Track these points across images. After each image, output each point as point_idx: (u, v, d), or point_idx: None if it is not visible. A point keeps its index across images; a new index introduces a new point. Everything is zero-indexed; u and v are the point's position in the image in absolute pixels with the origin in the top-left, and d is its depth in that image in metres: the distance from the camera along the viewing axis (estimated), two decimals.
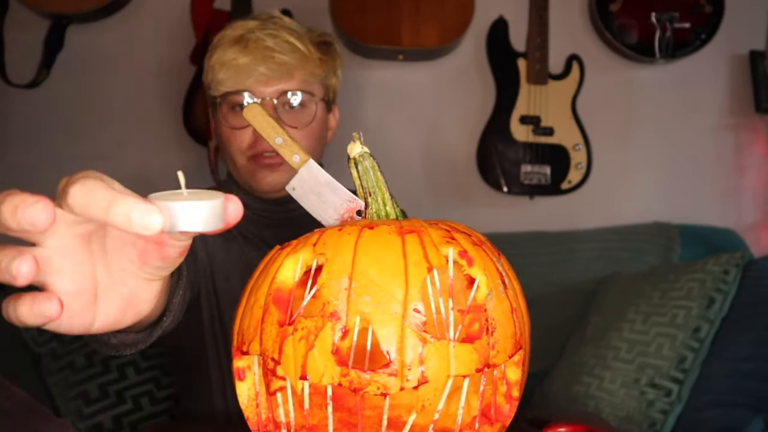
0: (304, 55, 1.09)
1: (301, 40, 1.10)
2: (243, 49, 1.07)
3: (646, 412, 1.31)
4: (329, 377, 0.54)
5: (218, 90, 1.09)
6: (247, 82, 1.07)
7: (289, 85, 1.08)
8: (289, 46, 1.08)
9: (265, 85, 1.07)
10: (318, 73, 1.11)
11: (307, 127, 1.10)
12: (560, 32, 1.89)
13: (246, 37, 1.08)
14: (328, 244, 0.60)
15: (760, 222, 1.93)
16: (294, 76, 1.08)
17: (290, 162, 0.75)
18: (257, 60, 1.06)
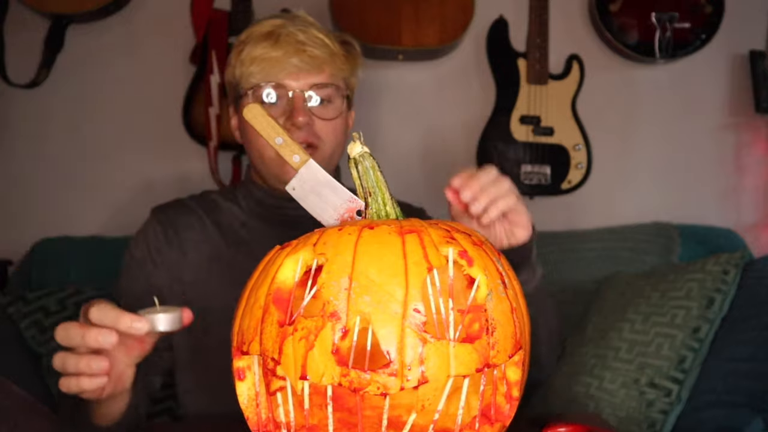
0: (332, 50, 1.11)
1: (329, 37, 1.13)
2: (275, 43, 1.08)
3: (645, 412, 1.31)
4: (329, 377, 0.54)
5: (249, 83, 1.10)
6: (280, 74, 1.08)
7: (319, 79, 1.10)
8: (319, 40, 1.10)
9: (296, 78, 1.09)
10: (344, 68, 1.14)
11: (334, 121, 1.12)
12: (560, 32, 1.89)
13: (276, 33, 1.10)
14: (328, 244, 0.60)
15: (760, 222, 1.93)
16: (324, 69, 1.10)
17: (290, 162, 0.76)
18: (289, 53, 1.08)
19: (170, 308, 0.76)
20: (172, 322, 0.75)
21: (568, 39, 1.90)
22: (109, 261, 1.69)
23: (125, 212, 1.87)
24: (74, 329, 0.75)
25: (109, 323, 0.73)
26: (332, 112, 1.12)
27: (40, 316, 1.49)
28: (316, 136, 1.10)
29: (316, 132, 1.10)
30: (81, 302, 1.52)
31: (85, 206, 1.87)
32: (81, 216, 1.86)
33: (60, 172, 1.87)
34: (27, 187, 1.87)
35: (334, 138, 1.12)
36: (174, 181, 1.86)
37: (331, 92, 1.12)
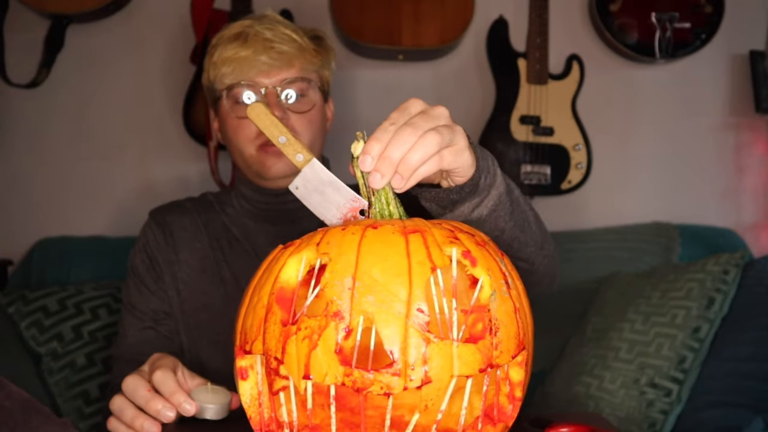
0: (301, 45, 1.14)
1: (297, 32, 1.15)
2: (243, 43, 1.11)
3: (646, 412, 1.31)
4: (332, 377, 0.54)
5: (222, 83, 1.13)
6: (250, 73, 1.11)
7: (290, 74, 1.12)
8: (287, 36, 1.12)
9: (267, 75, 1.11)
10: (315, 62, 1.16)
11: (309, 113, 1.14)
12: (560, 32, 1.89)
13: (245, 32, 1.12)
14: (331, 243, 0.60)
15: (760, 222, 1.93)
16: (294, 64, 1.13)
17: (293, 161, 0.75)
18: (258, 51, 1.10)
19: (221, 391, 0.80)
20: (220, 412, 0.78)
21: (568, 39, 1.90)
22: (109, 261, 1.69)
23: (125, 212, 1.87)
24: (142, 390, 0.80)
25: (165, 393, 0.79)
26: (306, 105, 1.14)
27: (41, 316, 1.49)
28: (292, 129, 1.12)
29: (292, 125, 1.12)
30: (81, 302, 1.52)
31: (86, 206, 1.87)
32: (81, 216, 1.86)
33: (60, 172, 1.87)
34: (27, 187, 1.87)
35: (310, 130, 1.15)
36: (174, 181, 1.86)
37: (304, 86, 1.14)
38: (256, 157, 1.13)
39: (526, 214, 0.90)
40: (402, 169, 0.66)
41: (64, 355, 1.47)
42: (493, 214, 0.81)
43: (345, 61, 1.90)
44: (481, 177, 0.76)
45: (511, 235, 0.86)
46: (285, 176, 1.13)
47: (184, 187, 1.85)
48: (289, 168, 1.12)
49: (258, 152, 1.12)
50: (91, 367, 1.46)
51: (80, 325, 1.49)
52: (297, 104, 1.13)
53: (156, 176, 1.88)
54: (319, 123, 1.17)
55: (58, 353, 1.47)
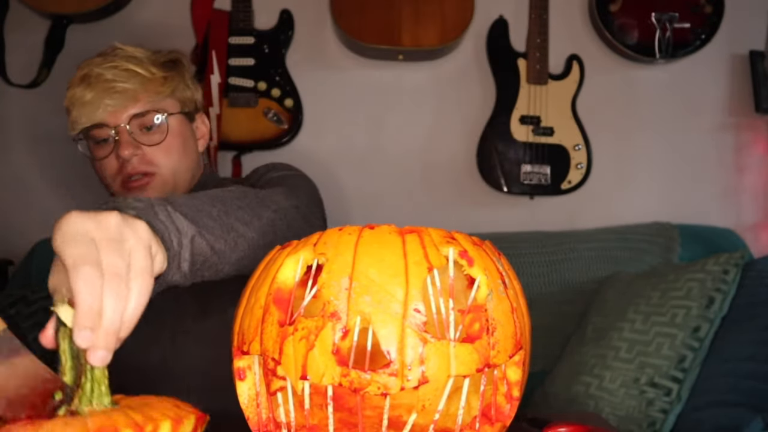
0: (144, 78, 1.15)
1: (141, 64, 1.15)
2: (87, 86, 1.13)
3: (645, 411, 1.31)
4: (330, 377, 0.54)
5: (75, 129, 1.15)
6: (97, 114, 1.12)
7: (137, 108, 1.14)
8: (127, 73, 1.14)
9: (114, 115, 1.13)
10: (163, 90, 1.17)
11: (165, 143, 1.15)
12: (560, 32, 1.89)
13: (88, 75, 1.14)
14: (328, 243, 0.60)
15: (760, 222, 1.93)
16: (139, 99, 1.14)
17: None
18: (100, 93, 1.12)
19: None
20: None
21: (568, 39, 1.90)
22: None
23: None
24: None
25: None
26: (159, 135, 1.15)
27: (42, 317, 1.49)
28: (149, 162, 1.14)
29: (149, 159, 1.14)
30: None
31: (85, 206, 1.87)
32: None
33: (60, 172, 1.87)
34: (27, 187, 1.87)
35: (169, 159, 1.16)
36: None
37: (154, 117, 1.15)
38: (121, 193, 1.16)
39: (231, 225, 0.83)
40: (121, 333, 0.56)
41: None
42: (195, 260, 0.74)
43: (345, 61, 1.90)
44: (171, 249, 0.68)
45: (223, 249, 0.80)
46: None
47: None
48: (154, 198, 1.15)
49: (121, 188, 1.15)
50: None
51: None
52: (149, 137, 1.15)
53: None
54: (180, 149, 1.18)
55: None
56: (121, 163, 1.13)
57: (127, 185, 1.14)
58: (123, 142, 1.12)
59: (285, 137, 1.83)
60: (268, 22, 1.86)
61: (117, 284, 0.55)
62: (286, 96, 1.82)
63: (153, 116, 1.15)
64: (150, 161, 1.14)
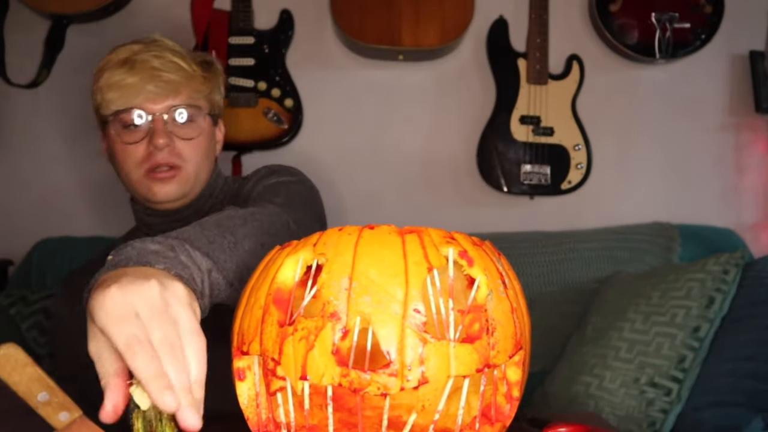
0: (188, 73, 1.15)
1: (185, 60, 1.16)
2: (130, 69, 1.12)
3: (645, 411, 1.31)
4: (329, 377, 0.54)
5: (109, 109, 1.15)
6: (137, 100, 1.12)
7: (177, 101, 1.14)
8: (174, 65, 1.14)
9: (154, 102, 1.13)
10: (203, 89, 1.18)
11: (195, 140, 1.16)
12: (560, 32, 1.89)
13: (132, 59, 1.13)
14: (328, 244, 0.60)
15: (760, 222, 1.93)
16: (180, 92, 1.14)
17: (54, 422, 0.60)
18: (145, 79, 1.11)
19: None
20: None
21: (568, 39, 1.90)
22: None
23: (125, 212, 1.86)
24: None
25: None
26: (193, 131, 1.16)
27: (42, 317, 1.49)
28: (178, 156, 1.14)
29: (178, 152, 1.14)
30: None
31: (85, 206, 1.87)
32: (81, 216, 1.86)
33: (60, 172, 1.87)
34: (27, 187, 1.87)
35: (196, 156, 1.16)
36: None
37: (191, 113, 1.15)
38: (142, 182, 1.15)
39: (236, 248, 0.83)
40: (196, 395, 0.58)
41: None
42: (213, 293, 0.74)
43: (345, 61, 1.90)
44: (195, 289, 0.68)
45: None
46: (170, 200, 1.16)
47: None
48: (174, 193, 1.15)
49: (144, 177, 1.14)
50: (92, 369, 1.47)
51: None
52: (184, 130, 1.15)
53: None
54: (206, 149, 1.19)
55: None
56: (150, 151, 1.13)
57: (151, 175, 1.13)
58: (158, 131, 1.12)
59: (285, 137, 1.83)
60: (268, 22, 1.86)
61: (173, 355, 0.56)
62: (286, 96, 1.82)
63: (190, 111, 1.15)
64: (179, 154, 1.14)
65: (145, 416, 0.57)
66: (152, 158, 1.13)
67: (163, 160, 1.13)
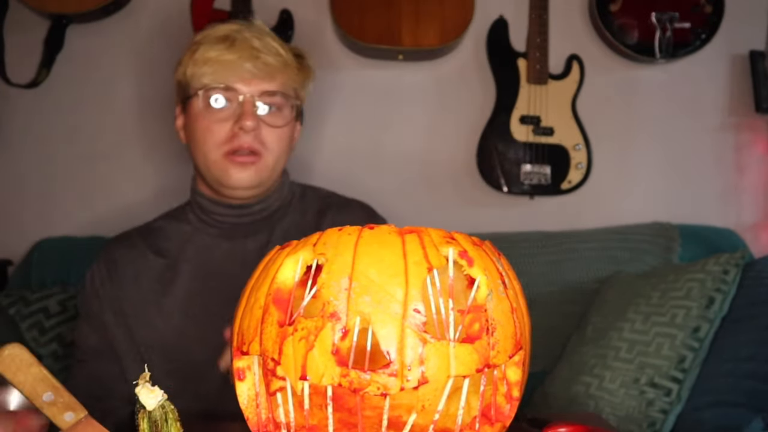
0: (285, 60, 1.13)
1: (283, 47, 1.14)
2: (230, 46, 1.09)
3: (645, 411, 1.31)
4: (329, 377, 0.54)
5: (200, 83, 1.11)
6: (232, 78, 1.09)
7: (271, 86, 1.11)
8: (273, 49, 1.12)
9: (248, 84, 1.10)
10: (296, 79, 1.16)
11: (281, 129, 1.13)
12: (560, 32, 1.89)
13: (232, 37, 1.11)
14: (328, 244, 0.60)
15: (760, 222, 1.93)
16: (275, 77, 1.12)
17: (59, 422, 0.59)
18: (243, 57, 1.09)
19: None
20: None
21: (568, 39, 1.90)
22: None
23: (125, 212, 1.87)
24: None
25: None
26: (280, 120, 1.13)
27: (41, 317, 1.49)
28: (261, 143, 1.11)
29: (262, 139, 1.11)
30: None
31: (85, 206, 1.87)
32: (81, 216, 1.86)
33: (60, 172, 1.87)
34: (27, 187, 1.87)
35: (278, 147, 1.14)
36: (174, 181, 1.86)
37: (281, 101, 1.13)
38: (220, 164, 1.12)
39: None
40: None
41: (65, 357, 1.47)
42: None
43: (345, 61, 1.90)
44: None
45: None
46: (245, 187, 1.13)
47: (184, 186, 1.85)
48: (250, 180, 1.12)
49: (224, 159, 1.11)
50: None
51: None
52: (271, 118, 1.12)
53: (156, 176, 1.88)
54: (287, 141, 1.17)
55: (59, 355, 1.47)
56: (234, 132, 1.10)
57: (231, 158, 1.10)
58: (248, 113, 1.09)
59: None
60: (268, 22, 1.86)
61: None
62: None
63: (281, 99, 1.13)
64: (263, 141, 1.11)
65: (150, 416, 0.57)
66: (235, 140, 1.10)
67: (247, 144, 1.10)
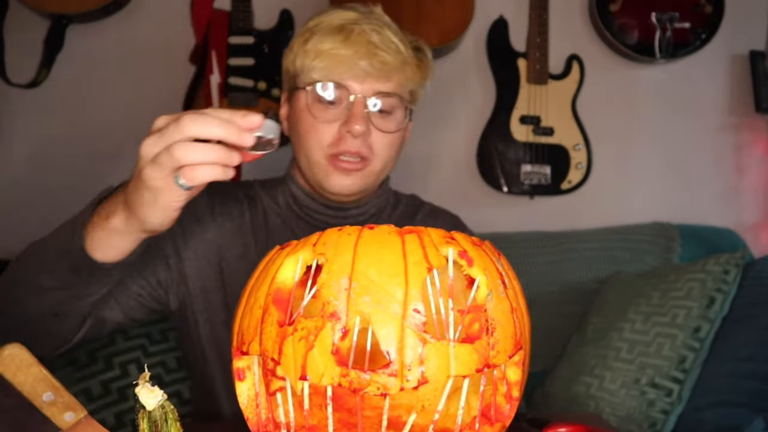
0: (404, 58, 1.03)
1: (403, 42, 1.03)
2: (345, 40, 1.00)
3: (646, 412, 1.31)
4: (329, 377, 0.54)
5: (309, 77, 1.02)
6: (345, 75, 1.00)
7: (386, 87, 1.01)
8: (392, 45, 1.01)
9: (361, 82, 1.00)
10: (413, 79, 1.06)
11: (393, 134, 1.04)
12: (560, 32, 1.89)
13: (348, 28, 1.01)
14: (328, 244, 0.60)
15: (760, 222, 1.93)
16: (392, 78, 1.02)
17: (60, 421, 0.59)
18: (359, 54, 0.99)
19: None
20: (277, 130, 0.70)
21: (568, 39, 1.90)
22: None
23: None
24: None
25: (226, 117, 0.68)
26: (393, 124, 1.03)
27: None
28: (370, 148, 1.02)
29: (371, 143, 1.02)
30: None
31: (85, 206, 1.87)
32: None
33: (60, 172, 1.87)
34: (27, 187, 1.87)
35: (387, 153, 1.04)
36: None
37: (395, 103, 1.03)
38: (323, 166, 1.03)
39: None
40: None
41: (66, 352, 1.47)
42: None
43: None
44: None
45: None
46: (345, 194, 1.05)
47: None
48: (352, 186, 1.04)
49: (327, 162, 1.03)
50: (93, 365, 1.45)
51: None
52: (383, 121, 1.02)
53: None
54: (398, 146, 1.07)
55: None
56: (341, 135, 1.01)
57: (335, 162, 1.01)
58: (357, 115, 0.99)
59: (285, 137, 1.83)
60: (268, 22, 1.86)
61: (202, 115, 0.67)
62: None
63: (397, 102, 1.03)
64: (371, 146, 1.02)
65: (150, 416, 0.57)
66: (342, 144, 1.01)
67: (354, 149, 1.00)
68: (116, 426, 1.40)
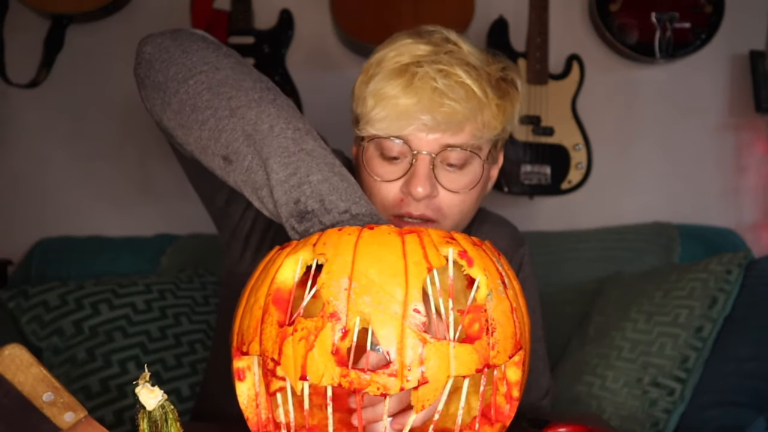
0: (480, 102, 0.87)
1: (479, 81, 0.88)
2: (407, 86, 0.86)
3: (648, 411, 1.31)
4: (329, 378, 0.54)
5: (367, 130, 0.92)
6: (406, 129, 0.87)
7: (456, 139, 0.88)
8: (463, 90, 0.86)
9: (426, 134, 0.87)
10: (493, 124, 0.89)
11: (467, 192, 0.91)
12: (560, 32, 1.89)
13: (412, 71, 0.87)
14: (328, 244, 0.59)
15: (760, 222, 1.93)
16: (464, 128, 0.87)
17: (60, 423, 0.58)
18: (422, 105, 0.85)
19: None
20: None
21: (568, 39, 1.90)
22: (109, 261, 1.69)
23: (125, 212, 1.87)
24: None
25: None
26: (465, 180, 0.90)
27: (41, 311, 1.49)
28: (438, 209, 0.90)
29: (438, 204, 0.90)
30: (82, 297, 1.52)
31: (85, 206, 1.87)
32: (81, 216, 1.86)
33: (60, 172, 1.87)
34: (27, 187, 1.87)
35: (459, 212, 0.91)
36: (174, 181, 1.86)
37: (469, 156, 0.89)
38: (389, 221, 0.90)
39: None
40: None
41: (65, 349, 1.47)
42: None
43: (345, 61, 1.90)
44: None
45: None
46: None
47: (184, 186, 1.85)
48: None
49: (391, 219, 0.92)
50: (92, 362, 1.46)
51: (81, 320, 1.49)
52: (454, 180, 0.89)
53: (156, 176, 1.88)
54: (476, 199, 0.93)
55: (59, 348, 1.47)
56: (404, 195, 0.89)
57: (400, 224, 0.90)
58: (420, 176, 0.87)
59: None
60: (268, 22, 1.86)
61: None
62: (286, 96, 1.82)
63: (468, 155, 0.89)
64: (438, 208, 0.90)
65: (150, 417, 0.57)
66: (404, 206, 0.89)
67: (417, 212, 0.89)
68: (115, 423, 1.40)
